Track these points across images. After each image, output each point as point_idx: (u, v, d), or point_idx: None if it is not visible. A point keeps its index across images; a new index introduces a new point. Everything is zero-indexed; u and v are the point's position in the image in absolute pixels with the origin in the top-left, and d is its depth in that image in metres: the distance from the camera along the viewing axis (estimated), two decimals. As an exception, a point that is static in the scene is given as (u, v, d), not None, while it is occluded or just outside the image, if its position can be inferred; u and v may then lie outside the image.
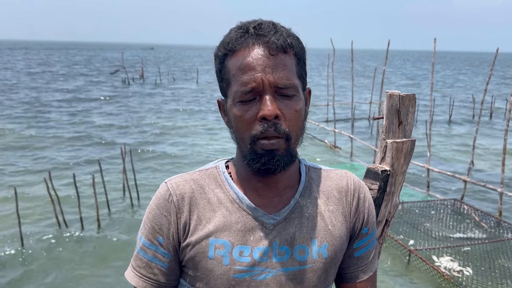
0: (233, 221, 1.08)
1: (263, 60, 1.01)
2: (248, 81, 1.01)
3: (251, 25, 1.05)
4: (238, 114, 1.04)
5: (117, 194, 8.30)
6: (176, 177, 1.16)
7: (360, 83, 32.77)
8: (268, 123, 1.01)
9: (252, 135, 1.03)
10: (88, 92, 25.07)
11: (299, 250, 1.09)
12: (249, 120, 1.02)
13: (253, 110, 1.02)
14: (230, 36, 1.05)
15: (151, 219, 1.11)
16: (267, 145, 1.02)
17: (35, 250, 6.17)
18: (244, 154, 1.07)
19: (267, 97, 1.00)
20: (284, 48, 1.03)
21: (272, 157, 1.03)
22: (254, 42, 1.02)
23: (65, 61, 57.90)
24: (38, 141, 12.81)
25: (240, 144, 1.08)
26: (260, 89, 1.01)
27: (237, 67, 1.03)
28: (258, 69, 1.00)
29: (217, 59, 1.08)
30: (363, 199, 1.18)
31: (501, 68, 64.63)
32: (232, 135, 1.11)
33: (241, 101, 1.03)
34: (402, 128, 1.32)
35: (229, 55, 1.05)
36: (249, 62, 1.01)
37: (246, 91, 1.01)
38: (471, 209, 7.36)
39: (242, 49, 1.03)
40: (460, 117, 19.43)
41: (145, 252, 1.11)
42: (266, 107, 1.00)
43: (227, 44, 1.05)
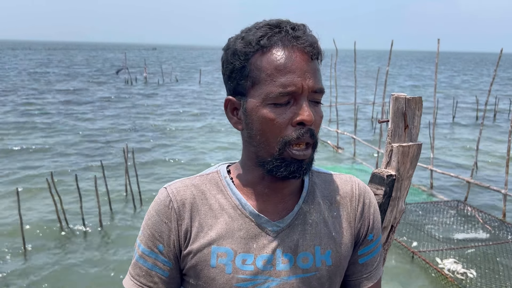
0: (235, 228, 1.05)
1: (303, 64, 0.98)
2: (288, 84, 0.97)
3: (286, 25, 1.01)
4: (270, 116, 0.99)
5: (119, 194, 8.29)
6: (176, 182, 1.11)
7: (363, 84, 32.73)
8: (304, 128, 0.99)
9: (285, 140, 0.99)
10: (91, 93, 25.08)
11: (303, 257, 1.06)
12: (282, 124, 0.99)
13: (288, 114, 0.99)
14: (263, 33, 1.00)
15: (151, 226, 1.08)
16: (300, 156, 1.00)
17: (36, 251, 6.16)
18: (265, 160, 1.03)
19: (305, 103, 0.98)
20: (318, 54, 1.02)
21: (301, 166, 1.01)
22: (293, 44, 0.99)
23: (67, 62, 58.00)
24: (40, 142, 12.83)
25: (261, 147, 1.03)
26: (298, 94, 0.98)
27: (274, 67, 0.98)
28: (298, 73, 0.98)
29: (241, 56, 1.01)
30: (368, 205, 1.15)
31: (507, 69, 64.41)
32: (249, 137, 1.05)
33: (275, 103, 0.99)
34: (408, 132, 1.29)
35: (259, 52, 1.00)
36: (289, 64, 0.98)
37: (284, 93, 0.97)
38: (474, 211, 7.32)
39: (279, 49, 0.99)
40: (464, 118, 19.36)
41: (145, 260, 1.07)
42: (305, 111, 0.98)
43: (259, 41, 1.00)
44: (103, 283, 5.47)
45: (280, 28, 1.01)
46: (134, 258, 1.09)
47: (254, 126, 1.02)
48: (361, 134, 14.46)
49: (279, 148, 1.00)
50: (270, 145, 1.01)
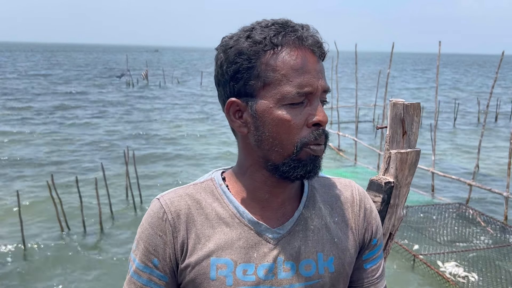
0: (234, 237, 1.01)
1: (316, 65, 0.98)
2: (305, 84, 0.95)
3: (295, 24, 0.99)
4: (286, 117, 0.96)
5: (120, 198, 8.29)
6: (169, 192, 1.07)
7: (365, 86, 32.70)
8: (320, 129, 0.98)
9: (303, 142, 0.97)
10: (91, 95, 25.12)
11: (305, 265, 1.03)
12: (298, 125, 0.96)
13: (303, 115, 0.97)
14: (274, 31, 0.97)
15: (145, 240, 1.03)
16: (318, 151, 0.99)
17: (37, 253, 6.16)
18: (277, 162, 0.99)
19: (319, 104, 0.98)
20: (325, 54, 1.03)
21: (316, 164, 1.00)
22: (305, 44, 0.98)
23: (68, 64, 58.09)
24: (40, 144, 12.84)
25: (273, 151, 0.99)
26: (312, 94, 0.97)
27: (290, 67, 0.95)
28: (313, 74, 0.97)
29: (250, 54, 0.96)
30: (369, 210, 1.14)
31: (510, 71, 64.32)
32: (257, 141, 1.00)
33: (292, 103, 0.96)
34: (406, 138, 1.27)
35: (271, 51, 0.96)
36: (304, 64, 0.96)
37: (302, 94, 0.95)
38: (476, 214, 7.29)
39: (293, 48, 0.96)
40: (466, 120, 19.33)
41: (139, 275, 1.03)
42: (321, 112, 0.97)
43: (271, 40, 0.96)
44: (104, 286, 5.46)
45: (291, 28, 0.98)
46: (129, 274, 1.05)
47: (267, 128, 0.97)
48: (363, 136, 14.44)
49: (296, 149, 0.97)
50: (284, 147, 0.97)
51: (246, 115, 1.00)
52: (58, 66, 52.45)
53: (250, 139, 1.01)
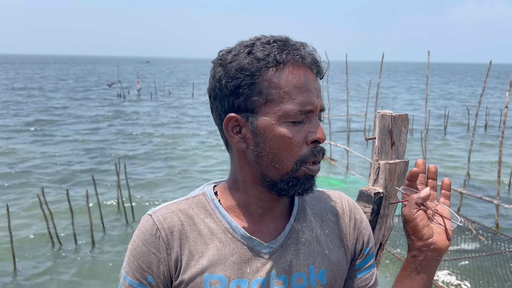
0: (227, 253, 1.01)
1: (315, 84, 1.00)
2: (306, 103, 0.97)
3: (297, 43, 1.01)
4: (287, 135, 0.96)
5: (111, 210, 8.23)
6: (161, 208, 1.05)
7: (355, 96, 32.91)
8: (318, 147, 0.99)
9: (302, 159, 0.98)
10: (83, 107, 25.02)
11: (297, 278, 1.04)
12: (298, 142, 0.97)
13: (303, 133, 0.98)
14: (277, 49, 0.97)
15: (137, 257, 1.01)
16: (315, 170, 1.01)
17: (27, 267, 6.08)
18: (274, 179, 0.99)
19: (318, 122, 1.00)
20: (322, 73, 1.04)
21: (313, 182, 1.02)
22: (307, 63, 0.99)
23: (59, 75, 57.89)
24: (29, 157, 12.74)
25: (272, 167, 0.99)
26: (312, 112, 0.99)
27: (293, 85, 0.97)
28: (313, 92, 0.98)
29: (252, 70, 0.96)
30: (360, 220, 1.14)
31: (502, 80, 65.04)
32: (255, 157, 0.99)
33: (294, 121, 0.97)
34: (395, 149, 1.29)
35: (273, 68, 0.96)
36: (306, 82, 0.98)
37: (303, 112, 0.97)
38: (467, 222, 7.33)
39: (295, 66, 0.98)
40: (455, 129, 19.49)
41: None
42: (320, 130, 0.99)
43: (275, 56, 0.96)
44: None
45: (292, 46, 0.99)
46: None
47: (268, 145, 0.97)
48: (354, 145, 14.50)
49: (295, 167, 0.98)
50: (284, 164, 0.98)
51: (246, 130, 0.99)
52: (47, 78, 52.22)
53: (248, 154, 1.01)
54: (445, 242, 1.05)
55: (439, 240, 1.05)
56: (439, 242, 1.04)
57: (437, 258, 1.06)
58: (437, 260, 1.06)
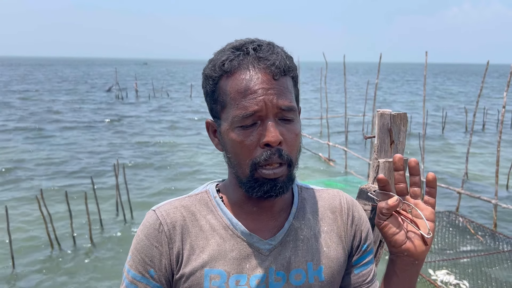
0: (227, 249, 1.04)
1: (266, 84, 0.97)
2: (249, 105, 0.96)
3: (250, 46, 1.00)
4: (237, 139, 0.98)
5: (110, 211, 8.23)
6: (165, 204, 1.09)
7: (353, 97, 32.94)
8: (271, 149, 0.97)
9: (254, 162, 0.98)
10: (81, 109, 24.99)
11: (295, 274, 1.06)
12: (250, 146, 0.98)
13: (254, 136, 0.97)
14: (226, 57, 1.00)
15: (141, 251, 1.05)
16: (271, 175, 0.98)
17: (26, 270, 6.08)
18: (242, 181, 1.02)
19: (270, 123, 0.96)
20: (285, 71, 1.00)
21: (275, 185, 1.00)
22: (255, 65, 0.98)
23: (56, 78, 57.81)
24: (27, 159, 12.72)
25: (236, 169, 1.03)
26: (262, 114, 0.96)
27: (236, 91, 0.98)
28: (260, 92, 0.96)
29: (210, 80, 1.02)
30: (358, 217, 1.16)
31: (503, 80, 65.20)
32: (227, 159, 1.05)
33: (241, 126, 0.98)
34: (394, 147, 1.30)
35: (224, 76, 0.99)
36: (250, 85, 0.96)
37: (247, 115, 0.96)
38: (466, 221, 7.35)
39: (242, 72, 0.98)
40: (454, 129, 19.53)
41: (136, 285, 1.04)
42: (270, 133, 0.96)
43: (223, 65, 0.99)
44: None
45: (242, 51, 1.00)
46: (124, 284, 1.06)
47: (228, 148, 1.02)
48: (353, 146, 14.53)
49: (250, 170, 0.99)
50: (242, 167, 1.00)
51: (218, 134, 1.06)
52: (44, 80, 52.15)
53: (224, 156, 1.06)
54: (420, 247, 1.01)
55: (413, 246, 1.01)
56: (413, 248, 1.01)
57: (415, 263, 1.03)
58: (416, 265, 1.03)
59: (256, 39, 1.03)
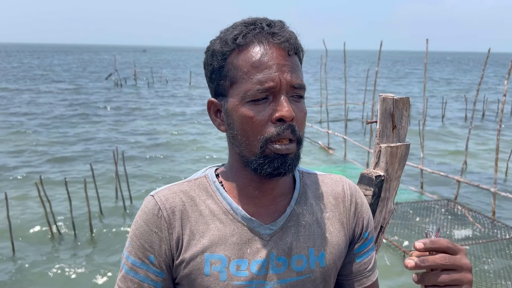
0: (228, 233, 1.03)
1: (280, 60, 0.97)
2: (265, 80, 0.95)
3: (263, 22, 1.00)
4: (249, 114, 0.97)
5: (110, 198, 8.24)
6: (164, 189, 1.08)
7: (353, 84, 32.86)
8: (284, 124, 0.96)
9: (265, 137, 0.97)
10: (79, 95, 24.91)
11: (297, 260, 1.05)
12: (262, 121, 0.97)
13: (267, 111, 0.97)
14: (239, 31, 0.99)
15: (140, 237, 1.04)
16: (282, 150, 0.98)
17: (27, 256, 6.10)
18: (249, 159, 1.01)
19: (284, 97, 0.96)
20: (296, 49, 1.01)
21: (285, 161, 0.99)
22: (269, 40, 0.98)
23: (56, 64, 57.56)
24: (29, 145, 12.71)
25: (244, 147, 1.01)
26: (276, 89, 0.96)
27: (250, 64, 0.97)
28: (275, 68, 0.96)
29: (219, 55, 1.01)
30: (360, 204, 1.15)
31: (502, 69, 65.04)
32: (232, 138, 1.03)
33: (254, 100, 0.97)
34: (396, 132, 1.29)
35: (236, 50, 0.99)
36: (265, 60, 0.96)
37: (262, 90, 0.96)
38: (464, 210, 7.37)
39: (255, 46, 0.98)
40: (453, 117, 19.51)
41: (136, 272, 1.03)
42: (284, 107, 0.95)
43: (235, 39, 0.98)
44: (94, 286, 5.43)
45: (255, 26, 0.99)
46: (123, 271, 1.05)
47: (235, 125, 1.01)
48: (352, 134, 14.51)
49: (261, 146, 0.98)
50: (252, 144, 0.99)
51: (223, 114, 1.04)
52: (45, 66, 51.93)
53: (229, 136, 1.05)
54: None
55: None
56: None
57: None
58: None
59: (265, 18, 1.03)
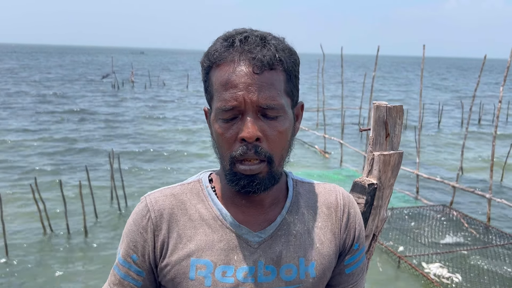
0: (215, 239, 1.03)
1: (246, 78, 0.94)
2: (229, 99, 0.94)
3: (238, 37, 0.98)
4: (219, 131, 0.98)
5: (105, 200, 8.21)
6: (156, 192, 1.10)
7: (350, 89, 32.91)
8: (248, 145, 0.95)
9: (231, 156, 0.98)
10: (76, 97, 24.86)
11: (286, 269, 1.04)
12: (229, 139, 0.97)
13: (234, 130, 0.97)
14: (215, 48, 0.99)
15: (128, 235, 1.07)
16: (247, 171, 0.97)
17: (20, 258, 6.06)
18: (224, 172, 1.02)
19: (248, 118, 0.94)
20: (271, 65, 0.96)
21: (252, 181, 0.98)
22: (239, 58, 0.95)
23: (52, 66, 57.45)
24: (23, 146, 12.67)
25: (220, 160, 1.04)
26: (242, 108, 0.95)
27: (219, 83, 0.97)
28: (240, 87, 0.94)
29: (203, 69, 1.02)
30: (353, 215, 1.14)
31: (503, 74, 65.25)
32: (214, 148, 1.05)
33: (223, 118, 0.97)
34: (389, 140, 1.29)
35: (213, 67, 0.99)
36: (232, 79, 0.95)
37: (227, 109, 0.95)
38: (460, 215, 7.38)
39: (227, 63, 0.96)
40: (449, 123, 19.56)
41: (119, 269, 1.07)
42: (247, 128, 0.94)
43: (212, 56, 0.99)
44: (88, 287, 5.41)
45: (229, 41, 0.98)
46: (114, 265, 1.09)
47: (214, 138, 1.03)
48: (349, 138, 14.53)
49: (229, 163, 0.99)
50: (224, 159, 1.01)
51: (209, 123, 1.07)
52: (39, 68, 51.82)
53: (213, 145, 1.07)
54: None
55: None
56: None
57: None
58: None
59: (248, 30, 1.01)
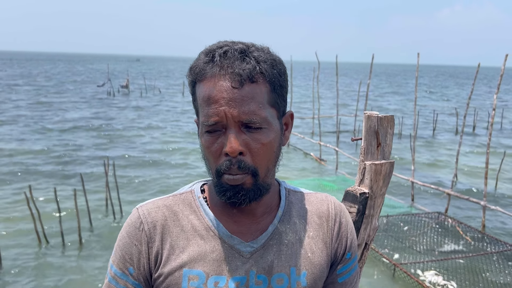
0: (208, 250, 1.04)
1: (227, 93, 0.94)
2: (211, 115, 0.96)
3: (218, 51, 0.98)
4: (205, 144, 1.00)
5: (100, 209, 8.17)
6: (148, 203, 1.10)
7: (345, 96, 33.03)
8: (231, 159, 0.97)
9: (217, 168, 1.00)
10: (70, 105, 24.82)
11: (277, 279, 1.05)
12: (215, 153, 0.99)
13: (219, 144, 0.98)
14: (197, 63, 1.00)
15: (122, 248, 1.07)
16: (231, 181, 0.99)
17: (14, 267, 6.02)
18: (213, 183, 1.04)
19: (231, 133, 0.96)
20: (251, 78, 0.96)
21: (237, 192, 1.00)
22: (219, 72, 0.96)
23: (44, 73, 57.35)
24: (15, 154, 12.61)
25: (209, 172, 1.05)
26: (224, 123, 0.96)
27: (202, 98, 0.98)
28: (221, 103, 0.95)
29: (189, 84, 1.04)
30: (345, 224, 1.15)
31: (504, 82, 65.65)
32: (204, 160, 1.06)
33: (208, 131, 0.99)
34: (380, 150, 1.30)
35: (197, 82, 1.00)
36: (213, 94, 0.96)
37: (210, 124, 0.97)
38: (455, 222, 7.40)
39: (208, 79, 0.97)
40: (444, 130, 19.65)
41: (117, 281, 1.06)
42: (229, 143, 0.95)
43: (194, 71, 1.00)
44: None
45: (209, 56, 0.99)
46: (107, 279, 1.08)
47: (202, 150, 1.04)
48: (344, 145, 14.56)
49: (216, 175, 1.01)
50: (211, 170, 1.03)
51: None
52: (35, 75, 51.72)
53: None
54: None
55: None
56: None
57: None
58: None
59: (229, 43, 1.01)
